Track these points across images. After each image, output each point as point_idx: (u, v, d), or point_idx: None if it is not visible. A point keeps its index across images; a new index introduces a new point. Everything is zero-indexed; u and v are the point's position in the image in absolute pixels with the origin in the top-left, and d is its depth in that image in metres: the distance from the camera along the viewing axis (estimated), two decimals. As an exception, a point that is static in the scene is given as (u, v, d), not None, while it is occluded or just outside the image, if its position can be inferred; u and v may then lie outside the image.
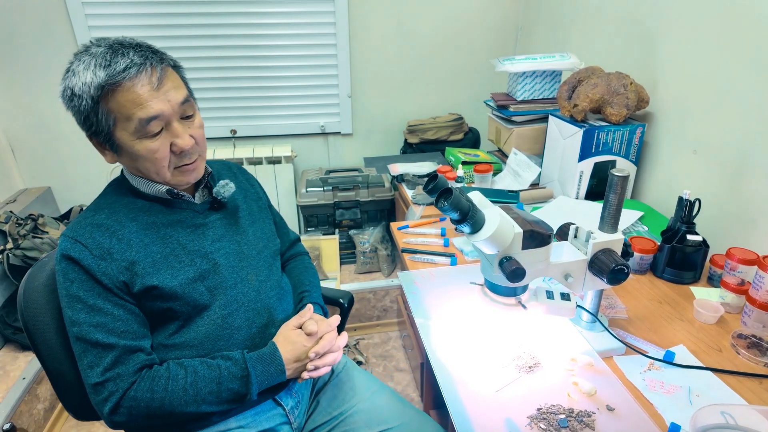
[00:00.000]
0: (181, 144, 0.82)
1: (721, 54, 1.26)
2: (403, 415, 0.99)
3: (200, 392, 0.82)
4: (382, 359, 2.05)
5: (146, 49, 0.81)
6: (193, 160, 0.86)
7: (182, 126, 0.83)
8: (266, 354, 0.88)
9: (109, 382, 0.79)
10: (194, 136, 0.85)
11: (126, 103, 0.77)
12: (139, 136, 0.79)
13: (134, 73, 0.77)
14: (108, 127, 0.79)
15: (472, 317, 1.02)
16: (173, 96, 0.81)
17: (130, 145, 0.80)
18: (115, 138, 0.80)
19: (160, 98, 0.79)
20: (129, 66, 0.76)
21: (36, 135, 2.23)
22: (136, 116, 0.77)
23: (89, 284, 0.80)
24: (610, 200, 0.87)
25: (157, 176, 0.84)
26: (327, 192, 2.26)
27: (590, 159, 1.50)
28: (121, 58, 0.77)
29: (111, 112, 0.78)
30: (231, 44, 2.23)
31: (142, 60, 0.78)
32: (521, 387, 0.85)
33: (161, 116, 0.79)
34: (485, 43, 2.44)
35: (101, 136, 0.81)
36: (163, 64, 0.82)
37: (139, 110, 0.77)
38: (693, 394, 0.85)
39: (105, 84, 0.76)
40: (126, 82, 0.76)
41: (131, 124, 0.78)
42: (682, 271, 1.16)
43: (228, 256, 0.93)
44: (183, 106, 0.83)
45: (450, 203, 0.75)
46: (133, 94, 0.77)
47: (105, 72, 0.76)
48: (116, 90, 0.76)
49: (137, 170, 0.85)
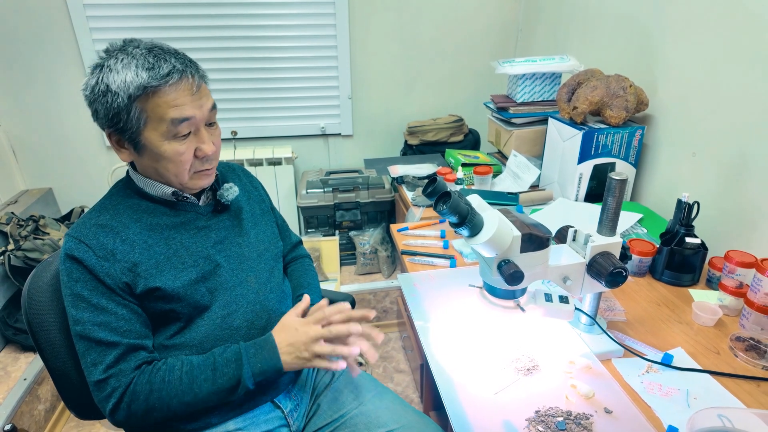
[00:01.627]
0: (206, 149, 0.86)
1: (720, 56, 1.26)
2: (403, 418, 0.99)
3: (196, 379, 0.83)
4: (382, 360, 2.05)
5: (184, 57, 0.85)
6: (213, 166, 0.90)
7: (208, 133, 0.87)
8: (260, 339, 0.88)
9: (112, 378, 0.80)
10: (215, 144, 0.88)
11: (163, 105, 0.80)
12: (168, 137, 0.82)
13: (176, 78, 0.80)
14: (137, 126, 0.81)
15: (471, 320, 1.03)
16: (205, 103, 0.85)
17: (158, 145, 0.82)
18: (142, 137, 0.82)
19: (194, 103, 0.83)
20: (172, 72, 0.80)
21: (37, 136, 2.23)
22: (169, 116, 0.81)
23: (93, 284, 0.81)
24: (608, 203, 0.87)
25: (176, 178, 0.87)
26: (327, 193, 2.27)
27: (590, 161, 1.50)
28: (164, 62, 0.80)
29: (144, 112, 0.80)
30: (232, 46, 2.24)
31: (183, 67, 0.82)
32: (520, 389, 0.85)
33: (192, 120, 0.83)
34: (485, 45, 2.44)
35: (126, 134, 0.83)
36: (199, 73, 0.86)
37: (174, 111, 0.81)
38: (691, 397, 0.85)
39: (147, 85, 0.78)
40: (167, 87, 0.80)
41: (163, 125, 0.81)
42: (681, 274, 1.16)
43: (229, 258, 0.94)
44: (210, 113, 0.87)
45: (449, 207, 0.76)
46: (172, 98, 0.80)
47: (148, 74, 0.78)
48: (157, 92, 0.79)
49: (155, 171, 0.87)
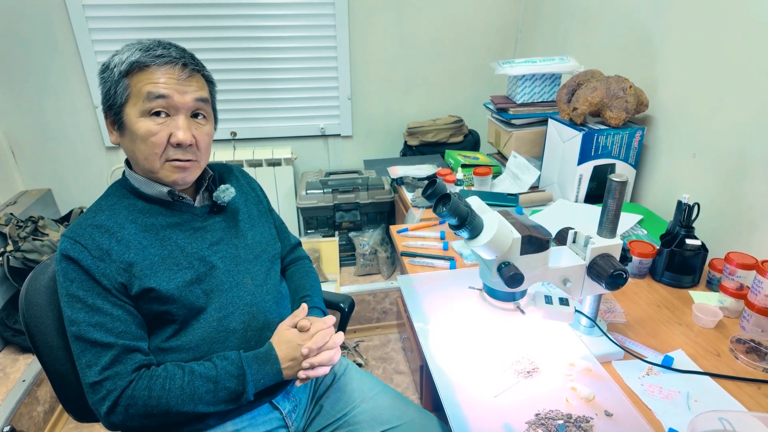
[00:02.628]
0: (180, 136, 0.85)
1: (720, 57, 1.26)
2: (406, 415, 0.99)
3: (197, 391, 0.82)
4: (381, 361, 2.05)
5: (188, 53, 0.88)
6: (187, 159, 0.87)
7: (188, 122, 0.86)
8: (262, 353, 0.88)
9: (107, 380, 0.79)
10: (197, 138, 0.87)
11: (144, 80, 0.83)
12: (143, 114, 0.83)
13: (164, 62, 0.83)
14: (121, 101, 0.84)
15: (471, 322, 1.02)
16: (191, 91, 0.86)
17: (134, 122, 0.84)
18: (123, 114, 0.84)
19: (176, 87, 0.84)
20: (164, 56, 0.83)
21: (36, 137, 2.23)
22: (145, 90, 0.82)
23: (88, 284, 0.81)
24: (608, 205, 0.87)
25: (146, 162, 0.86)
26: (327, 194, 2.26)
27: (590, 162, 1.50)
28: (162, 49, 0.84)
29: (128, 88, 0.83)
30: (231, 47, 2.24)
31: (178, 56, 0.85)
32: (520, 392, 0.85)
33: (169, 99, 0.83)
34: (485, 46, 2.44)
35: (113, 110, 0.85)
36: (197, 68, 0.87)
37: (151, 86, 0.83)
38: (691, 400, 0.85)
39: (136, 61, 0.82)
40: (153, 66, 0.83)
41: (139, 100, 0.83)
42: (681, 275, 1.16)
43: (225, 259, 0.94)
44: (197, 103, 0.87)
45: (448, 209, 0.75)
46: (154, 76, 0.83)
47: (141, 53, 0.83)
48: (144, 70, 0.83)
49: (133, 156, 0.87)
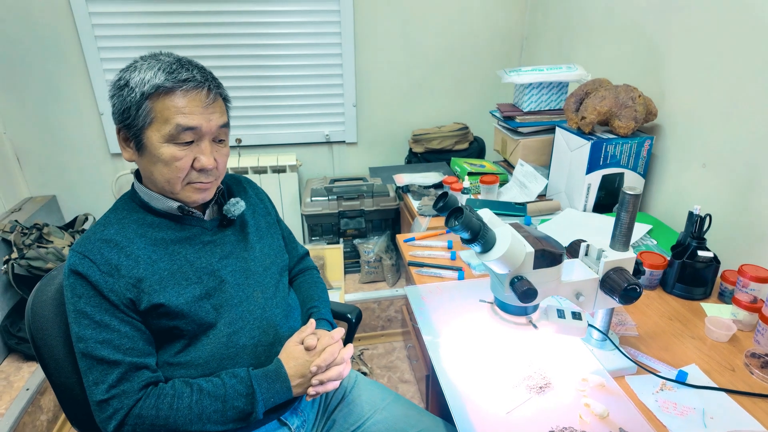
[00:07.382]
0: (204, 162, 0.85)
1: (729, 65, 1.25)
2: (420, 423, 0.99)
3: (205, 410, 0.81)
4: (386, 370, 2.04)
5: (209, 74, 0.87)
6: (209, 181, 0.88)
7: (211, 147, 0.86)
8: (271, 371, 0.86)
9: (114, 399, 0.78)
10: (217, 160, 0.87)
11: (171, 108, 0.81)
12: (168, 140, 0.82)
13: (191, 86, 0.82)
14: (143, 124, 0.82)
15: (482, 336, 1.01)
16: (215, 118, 0.85)
17: (157, 146, 0.82)
18: (144, 136, 0.83)
19: (203, 115, 0.84)
20: (189, 79, 0.82)
21: (41, 143, 2.23)
22: (175, 121, 0.81)
23: (96, 300, 0.80)
24: (621, 218, 0.86)
25: (168, 185, 0.85)
26: (332, 201, 2.26)
27: (598, 171, 1.49)
28: (185, 71, 0.82)
29: (152, 111, 0.81)
30: (236, 54, 2.24)
31: (202, 79, 0.84)
32: (532, 408, 0.84)
33: (197, 130, 0.83)
34: (490, 53, 2.44)
35: (131, 131, 0.83)
36: (219, 90, 0.87)
37: (181, 117, 0.82)
38: (707, 416, 0.83)
39: (161, 85, 0.80)
40: (179, 91, 0.81)
41: (166, 128, 0.81)
42: (693, 287, 1.15)
43: (234, 273, 0.93)
44: (220, 130, 0.87)
45: (461, 223, 0.74)
46: (182, 104, 0.82)
47: (166, 76, 0.81)
48: (169, 94, 0.81)
49: (150, 175, 0.86)
